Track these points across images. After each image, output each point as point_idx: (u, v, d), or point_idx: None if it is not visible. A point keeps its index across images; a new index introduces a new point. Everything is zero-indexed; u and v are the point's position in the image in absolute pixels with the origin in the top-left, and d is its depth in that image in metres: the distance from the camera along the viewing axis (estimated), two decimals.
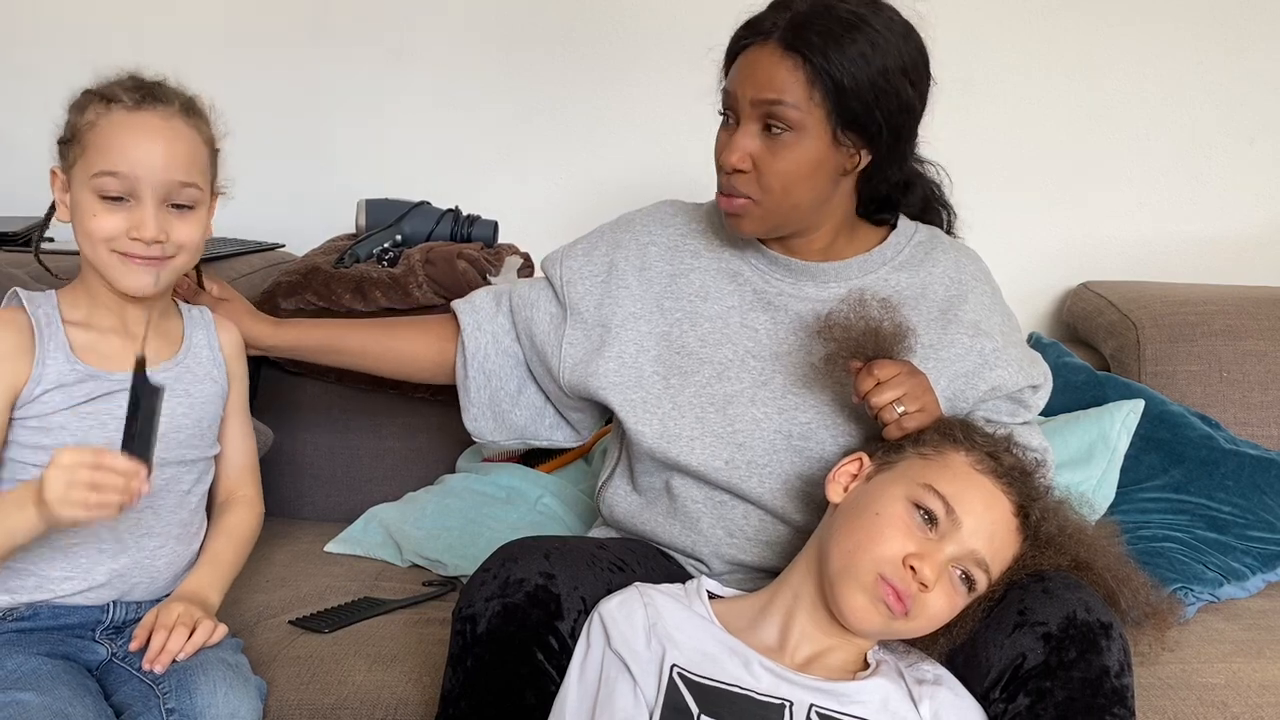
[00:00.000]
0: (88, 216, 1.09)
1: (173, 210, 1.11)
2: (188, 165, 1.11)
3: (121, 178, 1.08)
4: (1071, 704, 1.01)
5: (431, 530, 1.58)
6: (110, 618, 1.16)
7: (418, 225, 1.86)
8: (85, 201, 1.09)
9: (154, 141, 1.09)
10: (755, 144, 1.18)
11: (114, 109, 1.09)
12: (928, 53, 1.24)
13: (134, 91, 1.10)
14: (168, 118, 1.11)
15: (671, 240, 1.34)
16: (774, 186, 1.19)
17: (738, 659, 1.04)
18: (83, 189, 1.09)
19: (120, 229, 1.09)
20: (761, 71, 1.17)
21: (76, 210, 1.11)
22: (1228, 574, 1.55)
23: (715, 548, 1.26)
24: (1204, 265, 2.07)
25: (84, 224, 1.10)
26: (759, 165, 1.18)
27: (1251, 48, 2.06)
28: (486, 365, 1.38)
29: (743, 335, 1.27)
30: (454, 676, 1.07)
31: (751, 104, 1.17)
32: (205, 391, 1.22)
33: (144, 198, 1.09)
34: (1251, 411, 1.77)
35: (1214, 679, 1.29)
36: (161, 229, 1.09)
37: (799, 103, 1.16)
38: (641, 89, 2.07)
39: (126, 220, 1.09)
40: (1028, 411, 1.30)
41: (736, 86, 1.19)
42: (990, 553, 1.06)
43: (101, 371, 1.13)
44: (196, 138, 1.13)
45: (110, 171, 1.08)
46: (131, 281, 1.11)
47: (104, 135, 1.09)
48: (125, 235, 1.09)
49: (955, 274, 1.30)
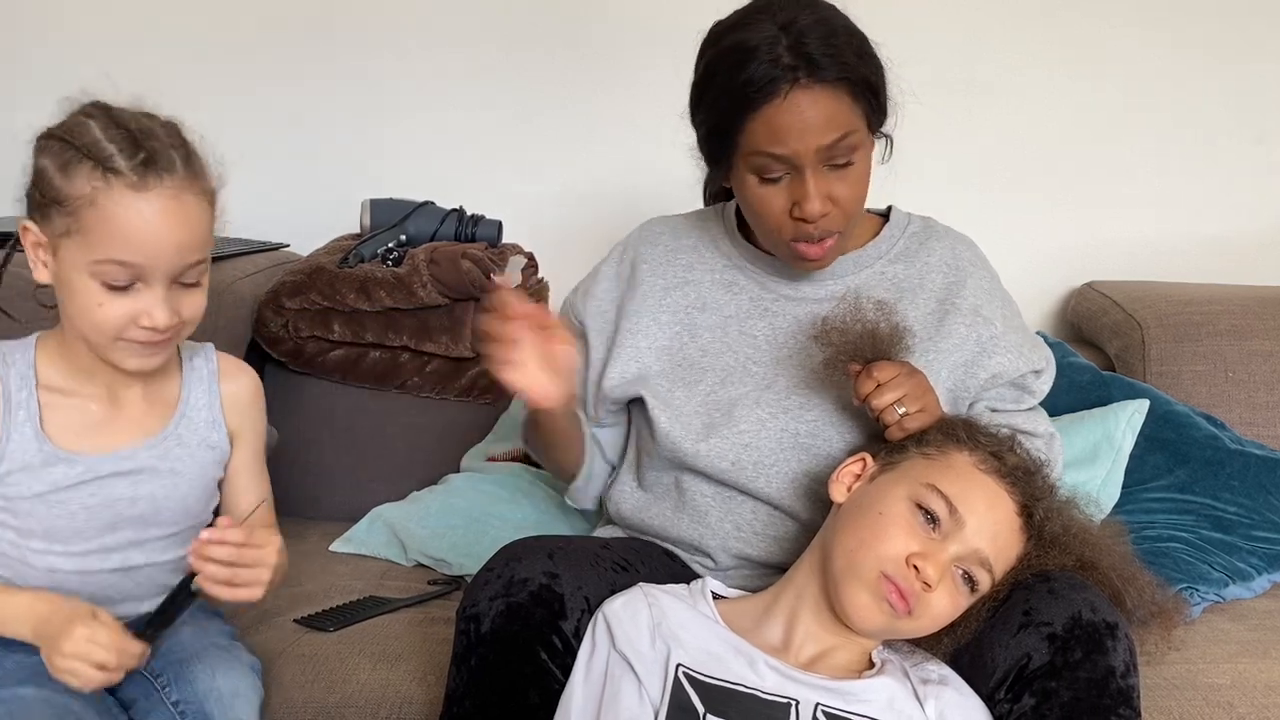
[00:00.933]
0: (91, 306, 0.97)
1: (179, 287, 1.00)
2: (201, 242, 1.00)
3: (131, 268, 0.96)
4: (1077, 704, 1.01)
5: (436, 529, 1.58)
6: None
7: (422, 225, 1.86)
8: (83, 285, 0.97)
9: (166, 226, 0.97)
10: (828, 184, 1.15)
11: (114, 185, 0.95)
12: None
13: (132, 157, 0.96)
14: (177, 193, 0.97)
15: (663, 256, 1.34)
16: (853, 210, 1.19)
17: (743, 658, 1.04)
18: (79, 272, 0.97)
19: (128, 317, 0.98)
20: (815, 117, 1.12)
21: (71, 291, 0.98)
22: (1233, 574, 1.55)
23: (723, 541, 1.26)
24: (1209, 265, 2.06)
25: (85, 311, 0.98)
26: (836, 199, 1.16)
27: (1257, 48, 2.05)
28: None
29: (742, 343, 1.28)
30: (458, 676, 1.07)
31: (816, 152, 1.13)
32: (196, 465, 1.10)
33: (153, 282, 0.97)
34: (1257, 412, 1.76)
35: (1220, 679, 1.29)
36: (174, 312, 0.99)
37: (856, 126, 1.15)
38: (644, 89, 2.07)
39: (134, 305, 0.97)
40: (1032, 397, 1.30)
41: (792, 144, 1.12)
42: (994, 552, 1.06)
43: (74, 455, 1.03)
44: (205, 205, 1.01)
45: (119, 262, 0.96)
46: (136, 364, 1.02)
47: (108, 220, 0.95)
48: (134, 323, 0.98)
49: (952, 260, 1.30)
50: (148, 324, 0.98)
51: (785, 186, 1.16)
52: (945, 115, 2.01)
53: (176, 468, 1.08)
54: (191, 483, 1.09)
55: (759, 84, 1.11)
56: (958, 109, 2.02)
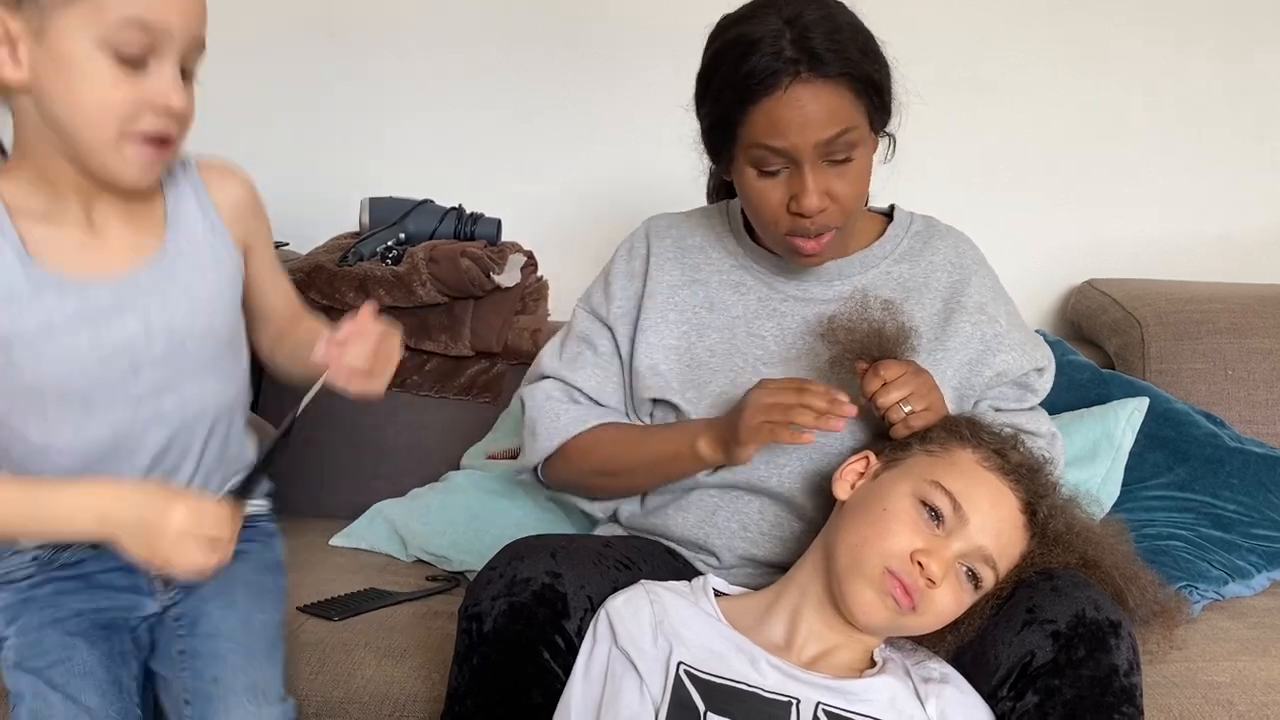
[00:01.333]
0: (100, 87, 0.84)
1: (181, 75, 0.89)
2: (204, 17, 0.90)
3: (150, 30, 0.84)
4: (1080, 702, 1.01)
5: (437, 527, 1.58)
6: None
7: (421, 223, 1.86)
8: (87, 61, 0.83)
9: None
10: (826, 179, 1.15)
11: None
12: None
13: None
14: None
15: (671, 253, 1.33)
16: (852, 207, 1.18)
17: (745, 656, 1.04)
18: (82, 41, 0.83)
19: (141, 100, 0.85)
20: (815, 111, 1.11)
21: (67, 72, 0.84)
22: (1233, 572, 1.55)
23: (728, 541, 1.26)
24: (1209, 263, 2.06)
25: (85, 95, 0.84)
26: (834, 195, 1.16)
27: (1259, 46, 2.05)
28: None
29: (750, 344, 1.27)
30: (460, 675, 1.07)
31: (815, 146, 1.12)
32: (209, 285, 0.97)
33: (165, 57, 0.86)
34: (1256, 410, 1.76)
35: (1219, 677, 1.29)
36: (182, 94, 0.87)
37: (856, 122, 1.14)
38: (643, 88, 2.07)
39: (147, 87, 0.85)
40: (1034, 396, 1.30)
41: (791, 137, 1.11)
42: (997, 550, 1.06)
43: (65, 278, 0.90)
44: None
45: (140, 22, 0.84)
46: (136, 174, 0.89)
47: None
48: (146, 108, 0.86)
49: (956, 259, 1.30)
50: (163, 103, 0.86)
51: (783, 181, 1.15)
52: (948, 113, 2.01)
53: (189, 290, 0.95)
54: (211, 304, 0.97)
55: (760, 76, 1.11)
56: (960, 107, 2.02)
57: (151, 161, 0.89)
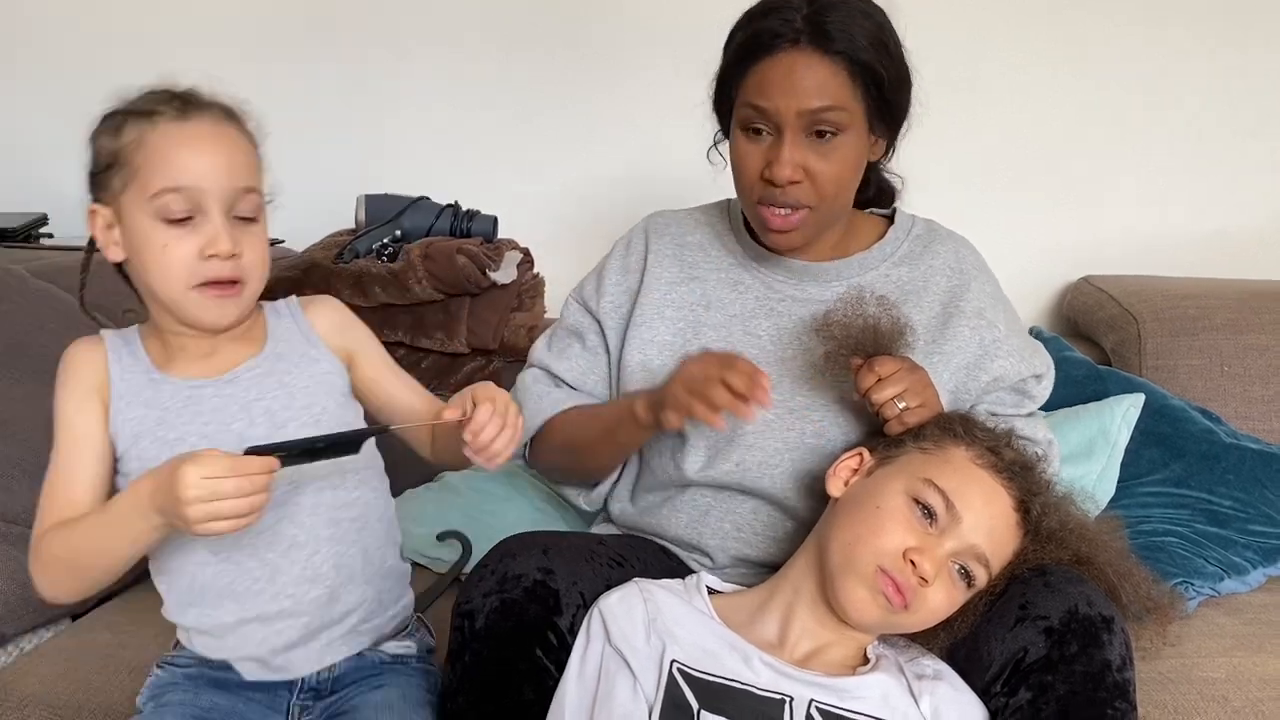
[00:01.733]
0: (157, 249, 0.99)
1: (237, 223, 1.01)
2: (247, 169, 1.02)
3: (186, 192, 0.98)
4: (1073, 698, 1.01)
5: (431, 529, 1.58)
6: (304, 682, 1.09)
7: (417, 220, 1.86)
8: (149, 231, 0.99)
9: (212, 148, 1.00)
10: (803, 153, 1.15)
11: (159, 122, 0.99)
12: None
13: (171, 101, 1.01)
14: (216, 122, 1.02)
15: (670, 250, 1.33)
16: (828, 191, 1.18)
17: (737, 654, 1.04)
18: (141, 216, 0.99)
19: (193, 251, 0.99)
20: (805, 79, 1.13)
21: (140, 244, 1.00)
22: (1228, 568, 1.55)
23: (722, 542, 1.26)
24: (1206, 260, 2.06)
25: (154, 259, 0.99)
26: (811, 172, 1.16)
27: (1254, 43, 2.05)
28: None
29: (747, 343, 1.27)
30: (453, 672, 1.07)
31: (798, 115, 1.14)
32: (305, 376, 1.08)
33: (211, 211, 0.99)
34: (1252, 406, 1.76)
35: (1215, 673, 1.29)
36: (236, 240, 1.00)
37: (846, 103, 1.14)
38: (640, 86, 2.07)
39: (198, 239, 0.99)
40: (1032, 402, 1.30)
41: (775, 99, 1.14)
42: (990, 548, 1.06)
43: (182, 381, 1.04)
44: (248, 142, 1.05)
45: (173, 188, 0.98)
46: (212, 316, 1.02)
47: (156, 151, 0.99)
48: (200, 257, 0.99)
49: (956, 264, 1.30)
50: (212, 252, 0.99)
51: (765, 146, 1.17)
52: (947, 112, 1.99)
53: (284, 380, 1.07)
54: (309, 394, 1.07)
55: (763, 38, 1.14)
56: (959, 106, 2.02)
57: (221, 303, 1.02)
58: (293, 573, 1.07)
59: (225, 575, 1.06)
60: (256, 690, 1.09)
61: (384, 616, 1.14)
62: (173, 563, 1.06)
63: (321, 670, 1.10)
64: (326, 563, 1.08)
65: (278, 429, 1.04)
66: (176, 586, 1.07)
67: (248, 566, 1.06)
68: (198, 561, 1.06)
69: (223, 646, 1.08)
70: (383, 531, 1.14)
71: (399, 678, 1.12)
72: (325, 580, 1.08)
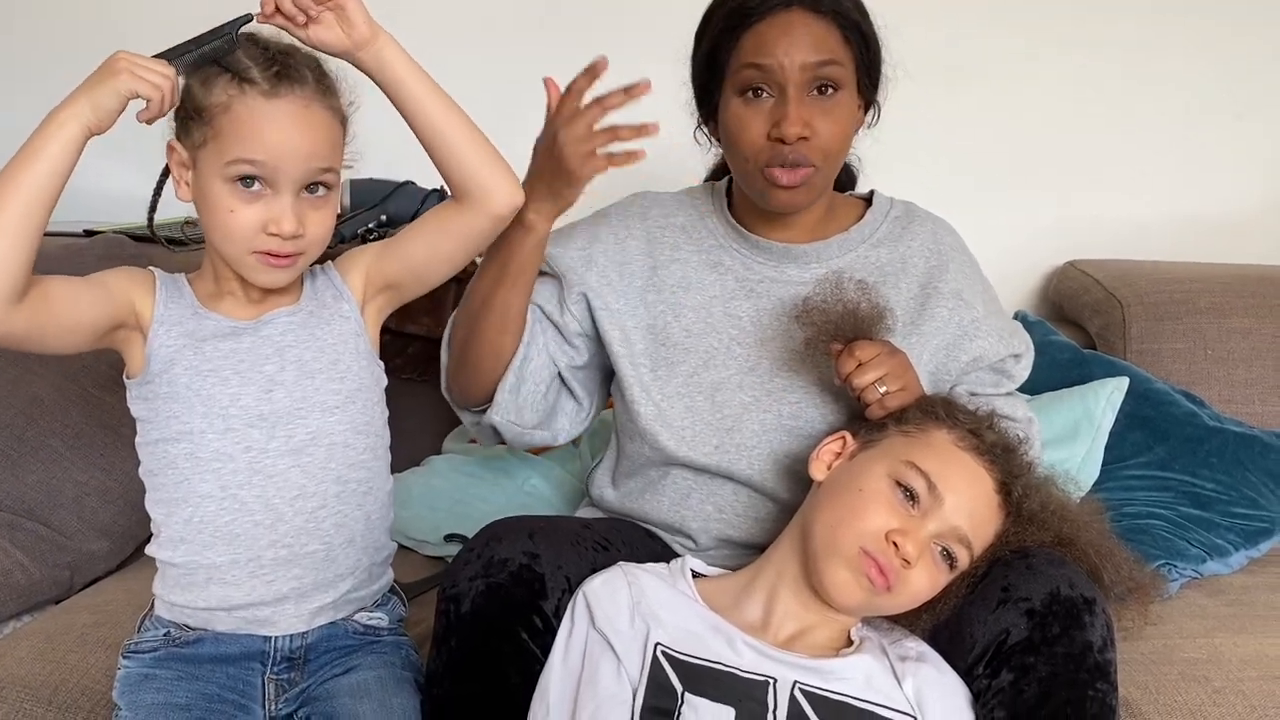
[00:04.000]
0: (224, 211, 1.02)
1: (308, 198, 1.03)
2: (328, 151, 1.04)
3: (259, 166, 1.00)
4: (1054, 679, 1.02)
5: (418, 511, 1.58)
6: (275, 649, 1.10)
7: (403, 205, 1.85)
8: (219, 191, 1.01)
9: (295, 130, 1.01)
10: (809, 109, 1.17)
11: (248, 92, 1.00)
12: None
13: (266, 69, 1.01)
14: (306, 102, 1.02)
15: (650, 232, 1.33)
16: (832, 148, 1.19)
17: (721, 637, 1.04)
18: (214, 177, 1.01)
19: (257, 223, 1.01)
20: (805, 35, 1.16)
21: (207, 200, 1.03)
22: (1211, 550, 1.56)
23: (704, 523, 1.27)
24: (1190, 244, 2.07)
25: (219, 219, 1.02)
26: (815, 129, 1.17)
27: (1238, 27, 2.05)
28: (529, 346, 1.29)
29: (726, 324, 1.27)
30: (438, 656, 1.07)
31: (802, 69, 1.16)
32: (333, 333, 1.12)
33: (282, 189, 1.01)
34: (1235, 389, 1.77)
35: (1196, 654, 1.30)
36: (299, 222, 1.02)
37: (843, 61, 1.18)
38: (630, 68, 2.05)
39: (264, 212, 1.01)
40: (1011, 381, 1.31)
41: (779, 55, 1.16)
42: (972, 529, 1.06)
43: (223, 319, 1.08)
44: (333, 120, 1.05)
45: (249, 160, 1.00)
46: (267, 279, 1.06)
47: (240, 122, 1.00)
48: (263, 230, 1.01)
49: (934, 245, 1.30)
50: (274, 230, 1.01)
51: (767, 109, 1.18)
52: (930, 96, 2.00)
53: (316, 333, 1.11)
54: (336, 349, 1.11)
55: (756, 4, 1.17)
56: (943, 90, 2.02)
57: (275, 271, 1.05)
58: (295, 522, 1.08)
59: (227, 513, 1.07)
60: (229, 664, 1.09)
61: (370, 589, 1.15)
62: (178, 491, 1.07)
63: (294, 635, 1.10)
64: (329, 519, 1.10)
65: (306, 378, 1.09)
66: (175, 518, 1.08)
67: (252, 508, 1.07)
68: (202, 494, 1.06)
69: (202, 598, 1.08)
70: (384, 504, 1.16)
71: (371, 656, 1.13)
72: (325, 536, 1.10)
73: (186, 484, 1.07)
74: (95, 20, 2.08)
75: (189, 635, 1.09)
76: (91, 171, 1.06)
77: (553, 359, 1.30)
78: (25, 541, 1.47)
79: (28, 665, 1.23)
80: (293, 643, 1.10)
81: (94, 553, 1.52)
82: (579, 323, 1.30)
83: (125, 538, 1.56)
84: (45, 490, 1.51)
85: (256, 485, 1.06)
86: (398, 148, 2.05)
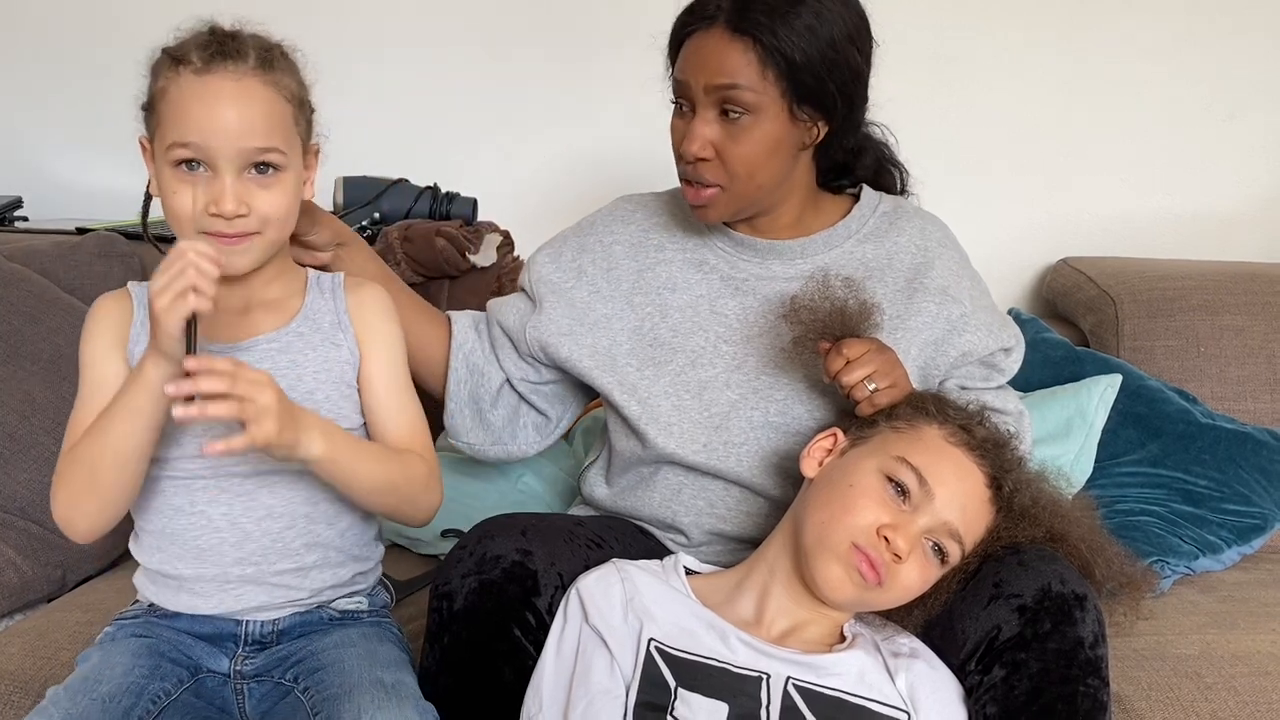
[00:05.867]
0: (168, 193, 1.01)
1: (254, 178, 1.00)
2: (266, 129, 1.00)
3: (194, 148, 0.99)
4: (1046, 675, 1.02)
5: None
6: (245, 631, 1.08)
7: (396, 203, 1.84)
8: (164, 175, 1.01)
9: (224, 107, 0.99)
10: (714, 130, 1.17)
11: (183, 72, 0.99)
12: (866, 15, 1.22)
13: (204, 50, 1.00)
14: (239, 77, 1.00)
15: (634, 236, 1.33)
16: (739, 171, 1.19)
17: (715, 633, 1.05)
18: (161, 162, 1.01)
19: (199, 204, 0.99)
20: (712, 57, 1.16)
21: (160, 188, 1.02)
22: (1203, 547, 1.56)
23: (696, 518, 1.27)
24: (1183, 241, 2.08)
25: (166, 202, 1.01)
26: (721, 151, 1.18)
27: (1230, 25, 2.06)
28: (471, 359, 1.35)
29: (713, 322, 1.27)
30: (431, 654, 1.08)
31: (705, 91, 1.16)
32: (318, 360, 1.08)
33: (220, 169, 0.99)
34: (1228, 386, 1.78)
35: (1188, 650, 1.31)
36: (241, 201, 0.99)
37: (753, 84, 1.15)
38: (621, 66, 2.06)
39: (205, 193, 0.99)
40: (1001, 375, 1.31)
41: (689, 74, 1.18)
42: (963, 524, 1.06)
43: (208, 343, 1.04)
44: (274, 95, 1.02)
45: (182, 143, 0.99)
46: (224, 262, 0.99)
47: (174, 104, 0.99)
48: (205, 211, 0.99)
49: (921, 241, 1.30)
50: (215, 210, 0.99)
51: (685, 122, 1.20)
52: (923, 93, 2.01)
53: (297, 359, 1.07)
54: (316, 377, 1.07)
55: (688, 17, 1.20)
56: (936, 86, 2.02)
57: (228, 252, 1.00)
58: (263, 542, 1.07)
59: (194, 528, 1.06)
60: (202, 641, 1.09)
61: (348, 590, 1.13)
62: (153, 501, 1.07)
63: (265, 621, 1.09)
64: (299, 540, 1.08)
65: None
66: (149, 526, 1.08)
67: (218, 525, 1.06)
68: (174, 506, 1.06)
69: (173, 602, 1.09)
70: (363, 518, 1.13)
71: (349, 631, 1.10)
72: (295, 556, 1.08)
73: (161, 496, 1.07)
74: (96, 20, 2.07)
75: (168, 612, 1.10)
76: (84, 169, 1.06)
77: (508, 376, 1.34)
78: (17, 540, 1.47)
79: (18, 661, 1.23)
80: (263, 629, 1.09)
81: (86, 552, 1.51)
82: (537, 356, 1.33)
83: (116, 537, 1.55)
84: (37, 489, 1.51)
85: (223, 503, 1.05)
86: (391, 146, 2.07)
